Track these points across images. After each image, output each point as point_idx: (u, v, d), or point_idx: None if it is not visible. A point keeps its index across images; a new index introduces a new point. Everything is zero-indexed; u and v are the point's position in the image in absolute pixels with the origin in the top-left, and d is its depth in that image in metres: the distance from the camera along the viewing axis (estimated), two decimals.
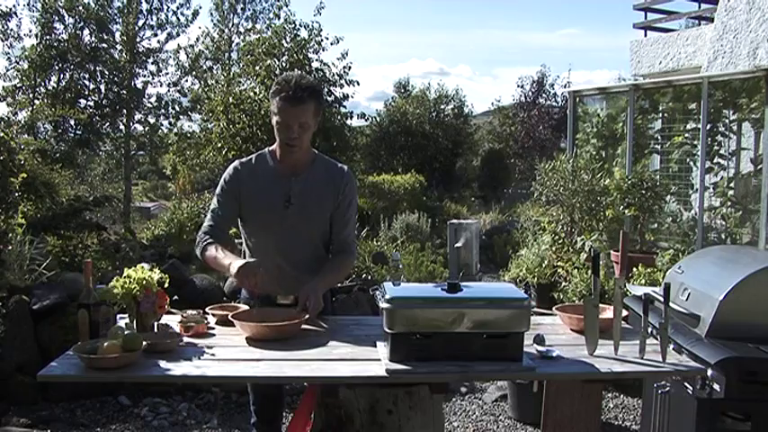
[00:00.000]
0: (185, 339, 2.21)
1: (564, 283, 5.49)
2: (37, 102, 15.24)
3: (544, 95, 18.31)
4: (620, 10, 23.95)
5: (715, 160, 6.14)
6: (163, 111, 17.46)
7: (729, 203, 6.10)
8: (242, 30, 19.28)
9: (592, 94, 7.27)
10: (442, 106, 19.24)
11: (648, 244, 5.99)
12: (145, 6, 16.90)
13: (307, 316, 2.31)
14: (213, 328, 2.39)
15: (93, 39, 16.21)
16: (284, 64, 10.73)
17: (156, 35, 17.19)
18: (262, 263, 2.34)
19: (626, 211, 5.88)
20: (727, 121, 6.23)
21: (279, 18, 14.24)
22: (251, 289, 2.37)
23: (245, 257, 2.59)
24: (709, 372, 2.30)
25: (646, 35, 9.62)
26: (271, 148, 2.59)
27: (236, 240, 2.85)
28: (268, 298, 2.53)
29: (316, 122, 2.47)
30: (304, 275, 2.44)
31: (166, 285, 2.33)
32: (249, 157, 2.62)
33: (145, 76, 17.20)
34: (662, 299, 2.19)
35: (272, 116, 2.46)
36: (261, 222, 2.55)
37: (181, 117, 17.54)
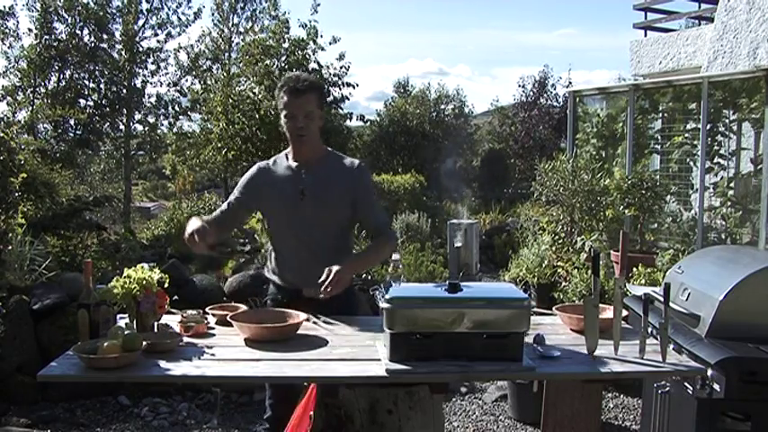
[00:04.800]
0: (185, 339, 2.22)
1: (564, 283, 5.48)
2: (37, 102, 15.23)
3: (545, 95, 18.28)
4: (620, 10, 24.01)
5: (715, 160, 6.13)
6: (162, 111, 17.47)
7: (729, 203, 6.10)
8: (242, 30, 19.31)
9: (592, 94, 7.27)
10: (442, 106, 19.23)
11: (648, 244, 5.99)
12: (145, 6, 16.92)
13: (306, 317, 2.32)
14: (213, 328, 2.40)
15: (92, 39, 16.21)
16: (283, 64, 10.73)
17: (156, 35, 17.22)
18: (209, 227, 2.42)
19: (626, 211, 5.88)
20: (727, 121, 6.23)
21: (275, 18, 14.24)
22: (199, 250, 2.44)
23: (272, 257, 2.72)
24: (710, 372, 2.30)
25: (646, 35, 9.61)
26: (287, 150, 2.75)
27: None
28: (296, 291, 2.59)
29: (321, 115, 2.62)
30: (328, 266, 2.45)
31: (166, 285, 2.34)
32: (271, 159, 2.79)
33: (145, 75, 17.22)
34: (662, 299, 2.19)
35: (280, 114, 2.62)
36: (280, 216, 2.67)
37: (180, 117, 17.56)
